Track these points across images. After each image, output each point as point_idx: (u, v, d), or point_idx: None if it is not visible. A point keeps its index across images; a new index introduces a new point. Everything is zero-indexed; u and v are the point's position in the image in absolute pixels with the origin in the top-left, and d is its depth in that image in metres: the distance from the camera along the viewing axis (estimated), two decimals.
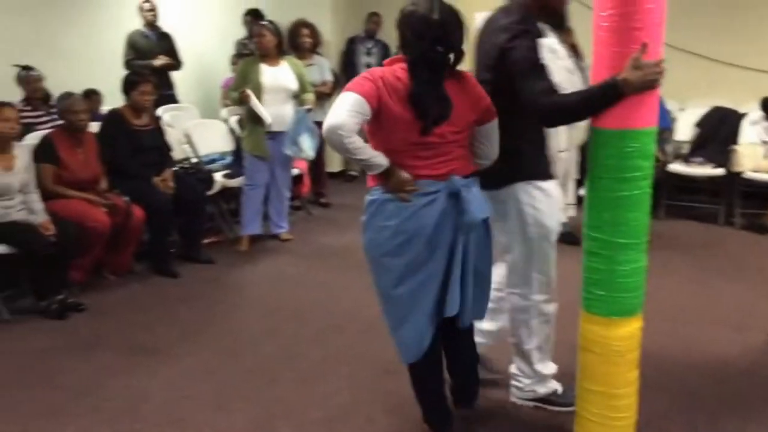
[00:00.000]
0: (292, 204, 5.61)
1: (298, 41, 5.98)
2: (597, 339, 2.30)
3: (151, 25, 6.44)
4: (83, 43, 6.83)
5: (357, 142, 2.17)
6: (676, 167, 5.86)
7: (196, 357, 3.35)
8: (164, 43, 6.47)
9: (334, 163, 7.37)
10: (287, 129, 4.87)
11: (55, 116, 4.93)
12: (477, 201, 2.28)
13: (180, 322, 3.77)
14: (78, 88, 4.89)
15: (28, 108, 5.10)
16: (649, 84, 2.06)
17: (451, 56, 2.24)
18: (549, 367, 2.73)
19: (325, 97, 6.12)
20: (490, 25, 2.47)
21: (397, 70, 2.24)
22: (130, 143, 4.52)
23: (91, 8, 6.90)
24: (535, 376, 2.72)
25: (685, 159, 5.96)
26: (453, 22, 2.21)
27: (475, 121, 2.31)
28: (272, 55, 4.92)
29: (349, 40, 7.31)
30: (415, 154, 2.26)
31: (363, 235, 2.42)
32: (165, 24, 6.60)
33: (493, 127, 2.35)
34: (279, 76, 4.90)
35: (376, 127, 2.25)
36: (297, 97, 5.03)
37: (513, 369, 2.79)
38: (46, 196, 4.04)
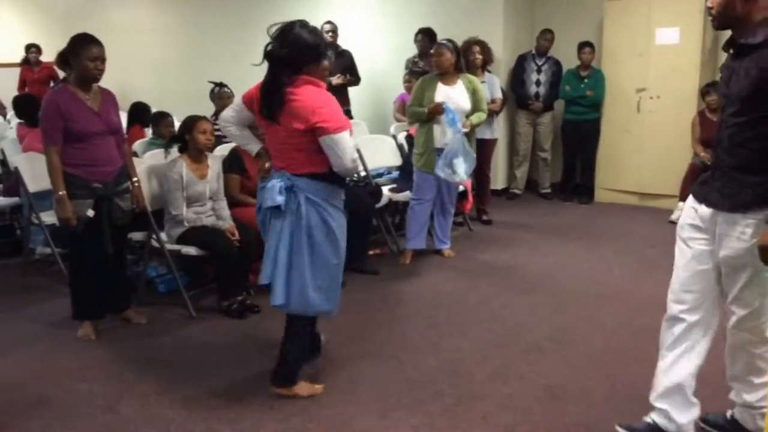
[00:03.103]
0: (454, 220, 5.65)
1: (469, 59, 6.04)
2: None
3: (332, 45, 6.79)
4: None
5: None
6: None
7: (360, 363, 3.47)
8: (343, 61, 6.81)
9: (498, 181, 7.35)
10: (444, 149, 4.83)
11: None
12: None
13: (344, 328, 3.91)
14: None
15: (218, 122, 5.55)
16: None
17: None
18: None
19: (494, 114, 6.14)
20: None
21: None
22: None
23: None
24: None
25: None
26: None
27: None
28: (450, 73, 4.98)
29: (519, 57, 7.27)
30: None
31: None
32: (343, 43, 6.93)
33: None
34: (452, 95, 4.93)
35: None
36: (469, 116, 5.03)
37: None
38: (232, 203, 4.37)
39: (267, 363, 3.45)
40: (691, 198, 2.54)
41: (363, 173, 5.67)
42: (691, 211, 2.52)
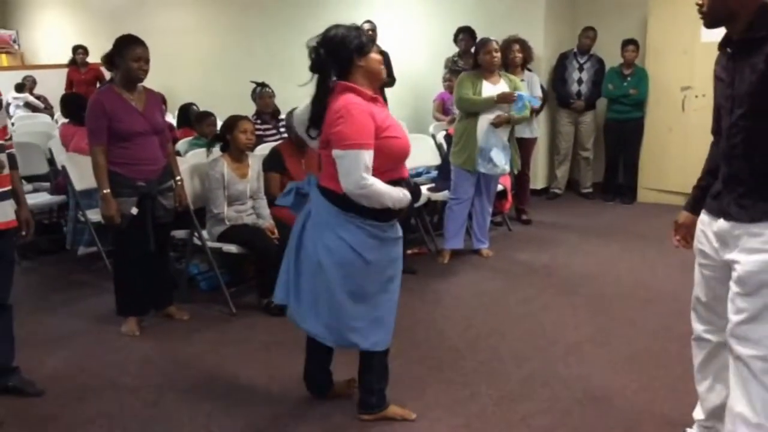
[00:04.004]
0: (492, 219, 5.62)
1: (509, 57, 6.00)
2: None
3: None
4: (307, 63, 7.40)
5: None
6: None
7: (397, 361, 3.44)
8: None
9: (538, 180, 7.28)
10: (485, 146, 4.85)
11: (282, 130, 5.38)
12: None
13: None
14: (300, 104, 5.28)
15: (258, 121, 5.63)
16: None
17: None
18: None
19: (533, 113, 6.08)
20: None
21: None
22: None
23: (317, 30, 7.43)
24: None
25: None
26: None
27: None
28: (494, 72, 4.97)
29: (561, 56, 7.19)
30: None
31: None
32: (382, 43, 6.94)
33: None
34: (496, 93, 4.91)
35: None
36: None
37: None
38: (271, 202, 4.41)
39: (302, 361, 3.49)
40: (702, 217, 2.35)
41: None
42: (701, 236, 2.35)
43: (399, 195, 2.59)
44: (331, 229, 2.59)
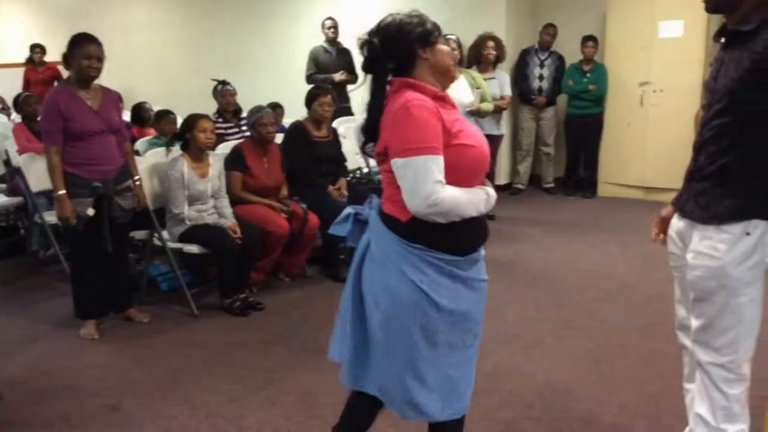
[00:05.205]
0: None
1: (482, 53, 6.03)
2: None
3: (332, 41, 6.80)
4: (271, 60, 7.35)
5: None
6: None
7: None
8: (343, 58, 6.80)
9: (501, 176, 7.34)
10: None
11: (244, 128, 5.33)
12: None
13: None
14: (263, 102, 5.25)
15: (220, 120, 5.57)
16: None
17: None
18: None
19: (501, 111, 6.14)
20: None
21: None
22: (310, 154, 4.79)
23: (279, 27, 7.40)
24: None
25: None
26: None
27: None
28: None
29: (522, 52, 7.26)
30: None
31: None
32: (344, 40, 6.93)
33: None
34: (455, 88, 4.93)
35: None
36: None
37: None
38: (234, 201, 4.38)
39: (270, 360, 3.47)
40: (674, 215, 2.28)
41: (366, 170, 5.67)
42: (670, 235, 2.30)
43: (482, 196, 2.05)
44: (393, 262, 1.98)
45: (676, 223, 2.25)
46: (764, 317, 2.15)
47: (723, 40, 2.13)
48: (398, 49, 2.03)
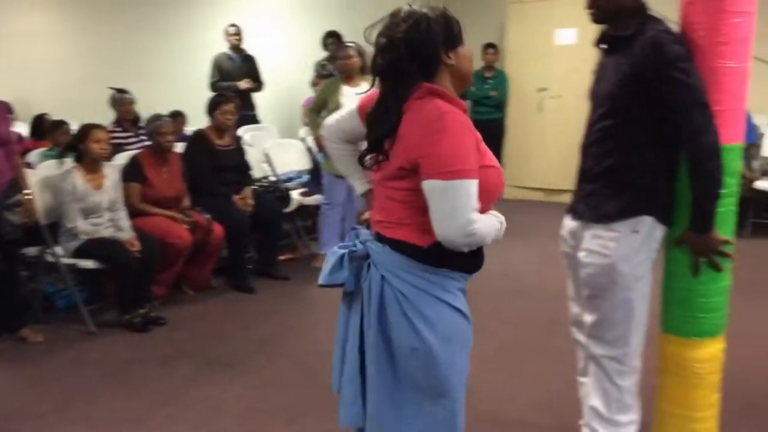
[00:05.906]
0: None
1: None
2: (677, 360, 2.23)
3: (236, 48, 6.69)
4: (171, 67, 7.15)
5: None
6: (763, 184, 5.62)
7: (270, 370, 3.42)
8: (248, 66, 6.70)
9: None
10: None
11: (143, 137, 5.17)
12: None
13: (255, 336, 3.85)
14: (165, 110, 5.10)
15: (119, 129, 5.37)
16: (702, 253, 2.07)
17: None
18: None
19: None
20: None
21: None
22: (212, 162, 4.68)
23: (181, 33, 7.21)
24: None
25: None
26: None
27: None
28: (354, 76, 4.99)
29: None
30: None
31: None
32: (248, 47, 6.83)
33: None
34: (358, 96, 4.94)
35: None
36: None
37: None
38: (133, 213, 4.22)
39: (171, 376, 3.36)
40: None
41: (272, 178, 5.60)
42: (562, 236, 2.36)
43: (497, 225, 1.87)
44: (424, 292, 1.79)
45: (569, 224, 2.32)
46: (651, 311, 2.26)
47: (604, 46, 2.21)
48: (425, 51, 1.75)
